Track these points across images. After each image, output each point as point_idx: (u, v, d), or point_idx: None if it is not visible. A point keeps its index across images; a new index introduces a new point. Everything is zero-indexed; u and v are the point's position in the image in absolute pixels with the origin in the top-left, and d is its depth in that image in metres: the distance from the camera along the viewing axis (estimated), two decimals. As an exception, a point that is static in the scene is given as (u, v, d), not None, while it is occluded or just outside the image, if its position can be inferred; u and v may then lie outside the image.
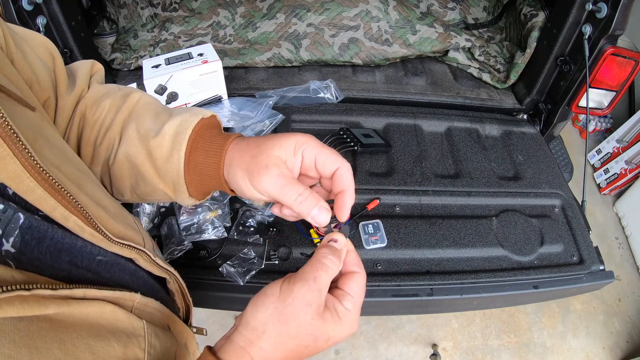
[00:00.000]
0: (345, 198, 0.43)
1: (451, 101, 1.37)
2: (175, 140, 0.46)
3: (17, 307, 0.28)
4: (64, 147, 0.42)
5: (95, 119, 0.51)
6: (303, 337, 0.38)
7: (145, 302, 0.42)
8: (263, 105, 1.16)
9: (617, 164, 2.26)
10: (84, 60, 0.56)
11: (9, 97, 0.35)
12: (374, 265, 0.94)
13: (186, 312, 0.58)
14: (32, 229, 0.32)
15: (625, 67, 1.12)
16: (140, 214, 0.95)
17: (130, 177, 0.50)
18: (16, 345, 0.27)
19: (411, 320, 1.84)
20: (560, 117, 1.29)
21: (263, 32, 1.49)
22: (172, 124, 0.47)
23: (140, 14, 1.56)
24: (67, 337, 0.31)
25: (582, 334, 1.88)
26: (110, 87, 0.54)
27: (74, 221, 0.35)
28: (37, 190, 0.32)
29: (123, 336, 0.36)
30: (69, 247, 0.35)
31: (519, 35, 1.47)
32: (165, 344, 0.42)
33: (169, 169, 0.47)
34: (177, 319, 0.50)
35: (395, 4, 1.51)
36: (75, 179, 0.38)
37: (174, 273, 0.51)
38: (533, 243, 1.02)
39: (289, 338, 0.38)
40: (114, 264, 0.40)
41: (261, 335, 0.38)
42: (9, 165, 0.30)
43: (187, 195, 0.48)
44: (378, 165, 1.14)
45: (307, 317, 0.38)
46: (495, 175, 1.16)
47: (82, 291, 0.34)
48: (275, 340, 0.38)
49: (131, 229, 0.45)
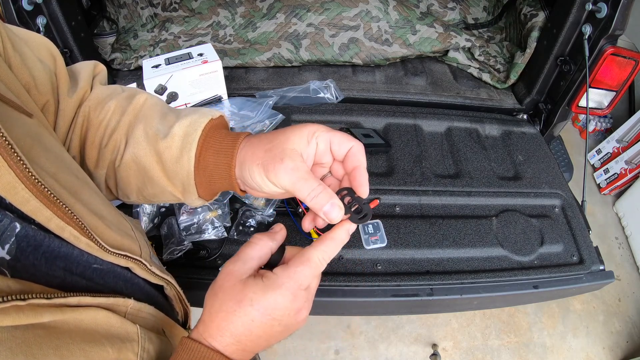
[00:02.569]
0: (360, 173, 0.44)
1: (451, 101, 1.37)
2: (185, 141, 0.46)
3: (13, 316, 0.28)
4: (61, 155, 0.42)
5: (99, 120, 0.51)
6: (226, 302, 0.40)
7: (139, 307, 0.42)
8: (263, 105, 1.16)
9: (617, 164, 2.26)
10: (86, 61, 0.55)
11: (5, 104, 0.35)
12: (374, 265, 0.94)
13: (185, 317, 0.58)
14: (28, 237, 0.32)
15: (625, 67, 1.12)
16: (140, 214, 0.95)
17: (138, 179, 0.50)
18: (13, 352, 0.28)
19: (411, 320, 1.84)
20: (560, 117, 1.29)
21: (263, 32, 1.49)
22: (182, 125, 0.47)
23: (140, 14, 1.56)
24: (63, 343, 0.32)
25: (582, 334, 1.88)
26: (114, 88, 0.54)
27: (70, 232, 0.35)
28: (32, 201, 0.32)
29: (117, 341, 0.37)
30: (65, 255, 0.36)
31: (519, 35, 1.47)
32: (159, 348, 0.43)
33: (179, 171, 0.47)
34: (174, 324, 0.50)
35: (395, 4, 1.51)
36: (71, 188, 0.38)
37: (170, 281, 0.51)
38: (533, 243, 1.02)
39: (218, 306, 0.40)
40: (109, 272, 0.41)
41: (203, 311, 0.41)
42: (4, 177, 0.30)
43: (197, 196, 0.49)
44: (378, 165, 1.14)
45: (229, 284, 0.40)
46: (495, 175, 1.16)
47: (76, 299, 0.34)
48: (209, 311, 0.40)
49: (128, 237, 0.45)
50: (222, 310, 0.39)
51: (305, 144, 0.43)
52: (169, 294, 0.53)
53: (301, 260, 0.41)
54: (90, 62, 0.55)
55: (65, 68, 0.49)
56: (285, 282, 0.40)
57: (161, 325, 0.47)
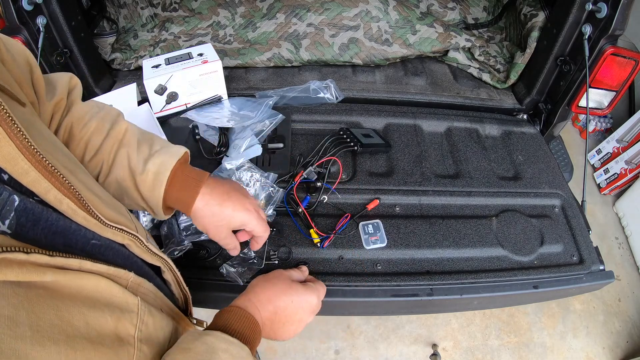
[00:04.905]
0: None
1: (451, 101, 1.37)
2: (156, 179, 0.61)
3: (16, 270, 0.29)
4: (54, 140, 0.44)
5: (81, 136, 0.59)
6: (279, 285, 0.64)
7: (139, 281, 0.43)
8: (263, 105, 1.16)
9: (617, 164, 2.26)
10: (62, 73, 0.62)
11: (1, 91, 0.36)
12: (374, 265, 0.94)
13: (185, 303, 0.58)
14: (27, 212, 0.33)
15: (625, 67, 1.12)
16: (139, 213, 0.95)
17: (117, 193, 0.62)
18: (15, 308, 0.28)
19: (411, 320, 1.84)
20: (560, 117, 1.29)
21: (263, 32, 1.49)
22: (154, 164, 0.61)
23: (140, 14, 1.56)
24: (63, 305, 0.32)
25: (582, 334, 1.88)
26: (91, 106, 0.64)
27: (67, 204, 0.36)
28: (31, 172, 0.33)
29: (117, 310, 0.37)
30: (63, 229, 0.36)
31: (519, 35, 1.47)
32: (159, 322, 0.43)
33: (152, 198, 0.62)
34: (175, 308, 0.51)
35: (395, 4, 1.51)
36: (67, 166, 0.39)
37: (167, 260, 0.52)
38: (533, 243, 1.02)
39: (270, 286, 0.63)
40: (108, 248, 0.41)
41: (254, 287, 0.63)
42: (4, 148, 0.31)
43: (162, 215, 0.65)
44: (378, 165, 1.14)
45: (282, 277, 0.67)
46: (495, 175, 1.16)
47: (77, 261, 0.35)
48: (262, 287, 0.63)
49: (123, 216, 0.46)
50: (275, 289, 0.62)
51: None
52: (167, 278, 0.54)
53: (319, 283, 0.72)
54: (65, 73, 0.62)
55: (41, 76, 0.52)
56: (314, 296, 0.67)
57: (160, 305, 0.47)
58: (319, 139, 1.13)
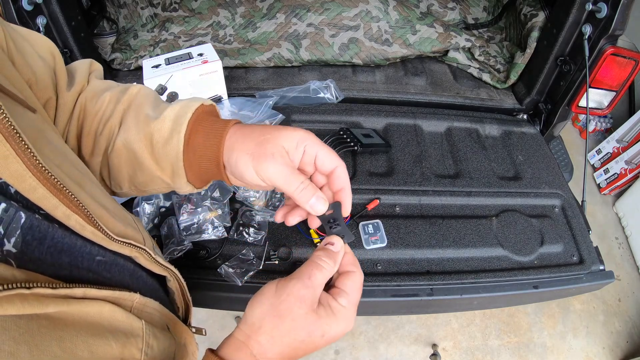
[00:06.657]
0: (345, 195, 0.47)
1: (451, 101, 1.37)
2: (175, 122, 0.47)
3: (18, 305, 0.28)
4: (64, 149, 0.42)
5: (96, 110, 0.52)
6: (298, 331, 0.39)
7: (145, 302, 0.42)
8: (263, 105, 1.16)
9: (617, 164, 2.26)
10: (83, 60, 0.57)
11: (10, 99, 0.36)
12: (374, 265, 0.94)
13: (185, 311, 0.58)
14: (33, 229, 0.32)
15: (625, 67, 1.12)
16: (140, 214, 0.95)
17: (128, 166, 0.51)
18: (16, 342, 0.28)
19: (411, 320, 1.84)
20: (560, 117, 1.29)
21: (263, 32, 1.49)
22: (173, 109, 0.48)
23: (140, 14, 1.56)
24: (66, 335, 0.31)
25: (582, 334, 1.88)
26: (110, 83, 0.56)
27: (75, 219, 0.35)
28: (39, 189, 0.32)
29: (121, 336, 0.37)
30: (69, 247, 0.36)
31: (519, 35, 1.47)
32: (163, 344, 0.43)
33: (168, 152, 0.47)
34: (176, 319, 0.50)
35: (395, 4, 1.51)
36: (75, 178, 0.39)
37: (174, 271, 0.51)
38: (533, 243, 1.02)
39: (285, 332, 0.39)
40: (113, 264, 0.41)
41: (258, 330, 0.40)
42: (12, 165, 0.30)
43: (185, 180, 0.49)
44: (378, 165, 1.14)
45: (301, 311, 0.39)
46: (495, 175, 1.16)
47: (82, 291, 0.34)
48: (271, 334, 0.39)
49: (131, 227, 0.45)
50: (290, 337, 0.39)
51: (294, 147, 0.44)
52: (171, 287, 0.53)
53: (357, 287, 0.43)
54: (86, 60, 0.57)
55: (64, 65, 0.51)
56: (352, 314, 0.42)
57: (165, 321, 0.47)
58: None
